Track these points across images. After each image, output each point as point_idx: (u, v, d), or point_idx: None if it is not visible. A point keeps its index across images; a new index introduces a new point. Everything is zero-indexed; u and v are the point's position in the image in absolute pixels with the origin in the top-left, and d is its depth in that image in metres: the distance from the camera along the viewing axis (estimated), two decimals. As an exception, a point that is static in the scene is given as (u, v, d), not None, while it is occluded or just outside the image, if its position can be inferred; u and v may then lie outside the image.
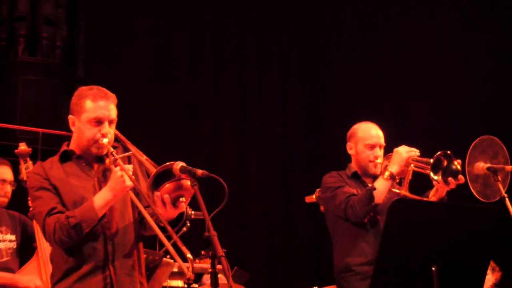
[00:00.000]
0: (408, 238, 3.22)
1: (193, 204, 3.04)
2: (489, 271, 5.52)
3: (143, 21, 8.66)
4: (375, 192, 3.99)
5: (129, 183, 3.05)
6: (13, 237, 4.66)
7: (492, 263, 5.61)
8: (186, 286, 5.38)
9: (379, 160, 4.28)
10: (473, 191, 3.95)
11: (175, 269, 5.24)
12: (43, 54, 8.31)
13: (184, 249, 2.88)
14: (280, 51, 9.37)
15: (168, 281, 5.23)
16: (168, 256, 4.53)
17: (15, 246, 4.65)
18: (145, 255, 3.81)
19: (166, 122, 8.53)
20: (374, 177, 4.25)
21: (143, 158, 3.22)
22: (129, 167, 3.10)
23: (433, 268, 3.22)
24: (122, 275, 3.19)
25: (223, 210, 2.92)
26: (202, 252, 5.57)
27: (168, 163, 3.04)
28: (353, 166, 4.41)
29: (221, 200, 2.88)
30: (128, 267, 3.22)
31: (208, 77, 8.98)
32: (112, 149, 3.17)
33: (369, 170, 4.33)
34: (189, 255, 2.87)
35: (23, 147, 4.64)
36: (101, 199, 3.08)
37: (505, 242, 3.67)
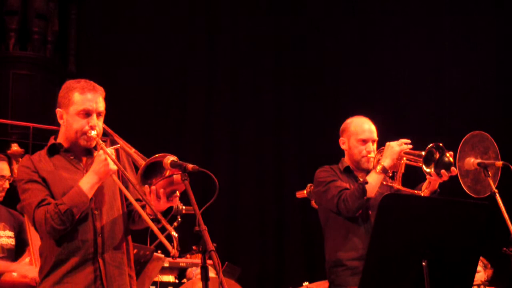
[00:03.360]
0: (398, 233, 3.22)
1: (185, 199, 3.04)
2: (481, 268, 5.53)
3: (135, 16, 8.64)
4: (367, 186, 3.99)
5: (113, 166, 3.08)
6: (11, 234, 4.64)
7: (484, 260, 5.64)
8: (177, 281, 5.38)
9: (372, 155, 4.28)
10: (463, 186, 3.96)
11: (166, 264, 5.25)
12: (34, 48, 8.28)
13: (168, 227, 2.90)
14: (274, 47, 9.36)
15: (159, 276, 5.23)
16: (159, 251, 4.53)
17: (13, 243, 4.63)
18: (135, 250, 3.81)
19: (158, 117, 8.51)
20: (367, 172, 4.24)
21: (132, 150, 3.21)
22: (112, 151, 3.13)
23: (424, 263, 3.22)
24: (112, 268, 3.19)
25: (215, 204, 2.92)
26: (194, 247, 5.55)
27: (157, 155, 3.03)
28: (346, 160, 4.40)
29: (212, 195, 2.88)
30: (117, 259, 3.23)
31: (201, 71, 8.96)
32: (100, 142, 3.17)
33: (362, 164, 4.32)
34: (174, 233, 2.87)
35: (15, 148, 4.64)
36: (86, 183, 3.10)
37: (495, 238, 3.67)
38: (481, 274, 5.58)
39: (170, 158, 2.99)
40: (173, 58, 8.79)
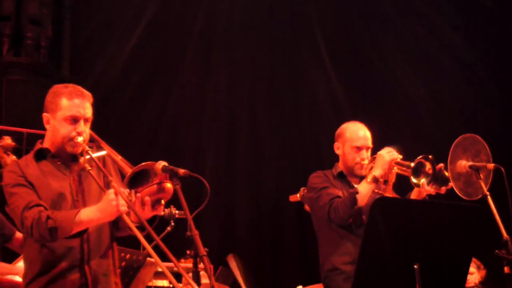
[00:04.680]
0: (390, 236, 3.22)
1: (178, 203, 3.04)
2: (474, 269, 5.53)
3: (128, 21, 8.64)
4: (358, 196, 4.01)
5: (123, 208, 2.97)
6: None
7: (477, 261, 5.64)
8: (171, 286, 5.37)
9: (365, 162, 4.30)
10: (455, 189, 3.97)
11: (160, 269, 5.23)
12: (27, 54, 8.26)
13: (182, 272, 2.84)
14: (269, 47, 9.36)
15: (153, 281, 5.22)
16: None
17: None
18: (128, 255, 3.81)
19: (152, 121, 8.50)
20: (361, 178, 4.27)
21: (118, 158, 3.19)
22: (125, 191, 3.02)
23: (415, 266, 3.23)
24: (98, 275, 3.17)
25: (210, 209, 2.93)
26: (187, 252, 5.55)
27: (144, 163, 3.03)
28: (340, 165, 4.42)
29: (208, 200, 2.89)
30: (104, 266, 3.21)
31: (195, 74, 8.96)
32: (87, 148, 3.14)
33: (355, 171, 4.35)
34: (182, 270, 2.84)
35: (8, 141, 4.62)
36: (86, 216, 3.03)
37: (487, 240, 3.67)
38: (475, 275, 5.58)
39: (162, 163, 2.99)
40: (167, 63, 8.79)
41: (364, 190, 4.05)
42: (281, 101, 9.31)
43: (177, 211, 4.76)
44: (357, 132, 4.37)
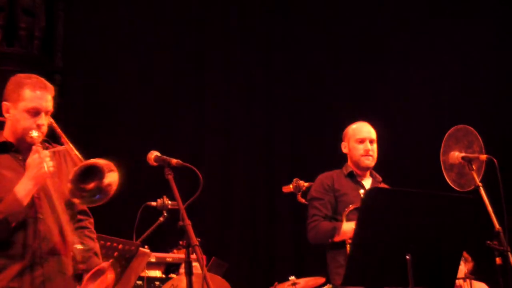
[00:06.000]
0: (382, 227, 3.22)
1: (170, 194, 3.04)
2: (461, 262, 5.57)
3: (123, 12, 8.60)
4: (338, 231, 4.21)
5: (48, 169, 3.02)
6: None
7: (465, 254, 5.67)
8: (164, 276, 5.38)
9: (371, 153, 4.47)
10: (448, 180, 3.99)
11: (153, 259, 5.23)
12: (21, 44, 8.21)
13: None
14: (265, 46, 9.35)
15: (146, 271, 5.22)
16: (146, 246, 4.51)
17: None
18: (120, 245, 3.81)
19: (146, 114, 8.47)
20: (370, 173, 4.51)
21: (73, 153, 3.16)
22: (47, 153, 3.08)
23: (407, 257, 3.23)
24: (55, 273, 3.15)
25: (203, 199, 2.93)
26: (180, 242, 5.55)
27: (92, 160, 3.03)
28: (349, 164, 4.60)
29: (203, 191, 2.90)
30: (61, 264, 3.19)
31: (191, 68, 8.93)
32: (37, 140, 3.12)
33: (361, 163, 4.51)
34: None
35: None
36: (22, 190, 3.04)
37: (478, 231, 3.68)
38: (462, 268, 5.60)
39: (154, 153, 2.99)
40: (163, 54, 8.75)
41: (346, 229, 4.19)
42: (277, 95, 9.31)
43: (169, 202, 4.75)
44: (360, 128, 4.60)
